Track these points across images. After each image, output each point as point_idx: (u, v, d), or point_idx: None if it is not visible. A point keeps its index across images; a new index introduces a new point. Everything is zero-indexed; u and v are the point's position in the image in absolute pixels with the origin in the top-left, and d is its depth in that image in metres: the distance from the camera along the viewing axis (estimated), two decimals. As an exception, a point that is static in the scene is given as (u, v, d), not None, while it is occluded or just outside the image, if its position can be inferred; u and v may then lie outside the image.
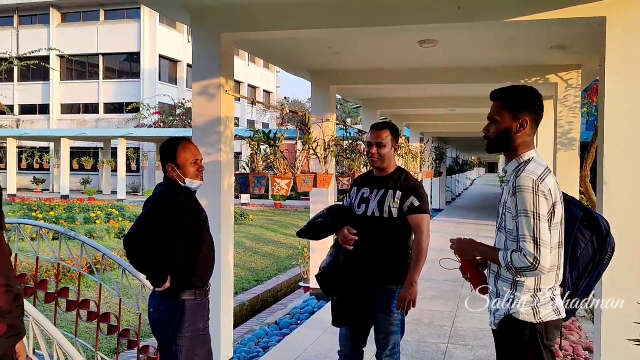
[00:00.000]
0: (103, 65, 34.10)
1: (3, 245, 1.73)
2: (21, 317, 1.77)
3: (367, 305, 3.32)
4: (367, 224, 3.28)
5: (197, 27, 4.61)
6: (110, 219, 15.19)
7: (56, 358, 2.84)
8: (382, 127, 3.40)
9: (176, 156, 2.99)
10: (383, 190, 3.31)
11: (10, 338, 1.70)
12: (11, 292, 1.71)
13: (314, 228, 3.48)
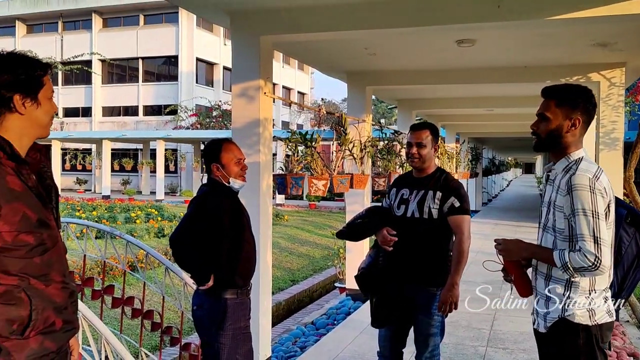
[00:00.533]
0: (142, 68, 34.87)
1: (60, 243, 1.80)
2: (75, 313, 1.83)
3: (406, 306, 3.31)
4: (407, 225, 3.27)
5: (237, 30, 4.69)
6: (149, 219, 15.52)
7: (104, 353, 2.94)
8: (421, 127, 3.37)
9: (220, 156, 3.05)
10: (423, 190, 3.28)
11: (65, 332, 1.77)
12: (67, 288, 1.78)
13: (352, 229, 3.48)
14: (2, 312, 1.61)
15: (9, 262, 1.62)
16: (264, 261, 4.59)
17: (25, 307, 1.64)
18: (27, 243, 1.65)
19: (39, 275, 1.68)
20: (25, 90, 1.70)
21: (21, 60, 1.73)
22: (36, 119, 1.73)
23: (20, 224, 1.63)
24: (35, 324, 1.66)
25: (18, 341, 1.62)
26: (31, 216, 1.67)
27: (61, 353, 1.77)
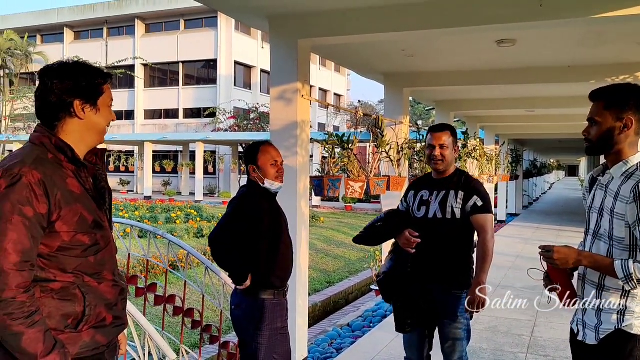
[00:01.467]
0: (182, 72, 35.57)
1: (112, 244, 1.88)
2: (124, 310, 1.91)
3: (430, 309, 3.27)
4: (429, 226, 3.24)
5: (275, 34, 4.75)
6: (189, 219, 15.81)
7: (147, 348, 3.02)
8: (442, 129, 3.36)
9: (257, 158, 3.10)
10: (444, 191, 3.27)
11: (115, 327, 1.85)
12: (117, 286, 1.86)
13: (372, 233, 3.43)
14: (58, 308, 1.70)
15: (66, 261, 1.71)
16: (300, 262, 4.63)
17: (80, 303, 1.73)
18: (83, 243, 1.74)
19: (92, 273, 1.77)
20: (85, 97, 1.77)
21: (83, 69, 1.80)
22: (94, 125, 1.81)
23: (78, 225, 1.72)
24: (88, 319, 1.75)
25: (72, 334, 1.71)
26: (87, 218, 1.75)
27: (111, 347, 1.86)
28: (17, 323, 1.56)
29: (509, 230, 14.01)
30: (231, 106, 32.50)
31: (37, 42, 38.61)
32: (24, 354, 1.58)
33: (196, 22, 34.97)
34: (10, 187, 1.60)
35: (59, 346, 1.63)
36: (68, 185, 1.71)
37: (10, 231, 1.58)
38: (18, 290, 1.57)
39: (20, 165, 1.63)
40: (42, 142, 1.74)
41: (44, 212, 1.63)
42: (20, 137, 30.60)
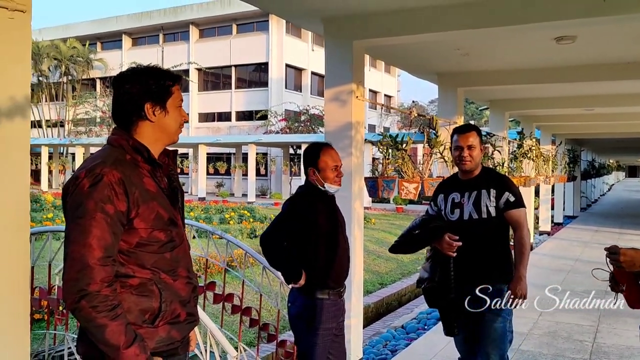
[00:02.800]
0: (235, 76, 36.22)
1: (185, 241, 1.95)
2: (196, 307, 1.97)
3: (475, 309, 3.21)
4: (465, 228, 3.24)
5: (330, 36, 4.79)
6: (242, 220, 16.08)
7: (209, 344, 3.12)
8: (468, 130, 3.36)
9: (318, 161, 3.10)
10: (475, 191, 3.26)
11: (188, 324, 1.91)
12: (191, 283, 1.92)
13: (409, 241, 3.40)
14: (136, 303, 1.77)
15: (144, 257, 1.79)
16: (355, 263, 4.65)
17: (156, 299, 1.80)
18: (159, 239, 1.81)
19: (168, 270, 1.84)
20: (154, 99, 1.84)
21: (152, 72, 1.88)
22: (165, 126, 1.87)
23: (154, 222, 1.79)
24: (164, 314, 1.81)
25: (149, 329, 1.78)
26: (163, 215, 1.82)
27: (184, 342, 1.93)
28: (101, 315, 1.63)
29: (567, 233, 13.56)
30: (282, 108, 32.85)
31: (97, 49, 40.22)
32: (107, 345, 1.65)
33: (248, 27, 35.54)
34: (93, 186, 1.68)
35: (139, 339, 1.69)
36: (145, 184, 1.80)
37: (94, 227, 1.66)
38: (102, 284, 1.65)
39: (101, 165, 1.72)
40: (120, 144, 1.83)
41: (124, 209, 1.72)
42: (81, 141, 31.97)
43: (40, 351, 3.95)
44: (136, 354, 1.67)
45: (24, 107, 2.20)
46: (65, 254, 1.69)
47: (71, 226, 1.70)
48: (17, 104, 2.17)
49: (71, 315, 3.71)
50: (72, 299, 1.64)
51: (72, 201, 1.71)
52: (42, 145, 33.27)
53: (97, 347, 1.70)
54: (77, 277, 1.64)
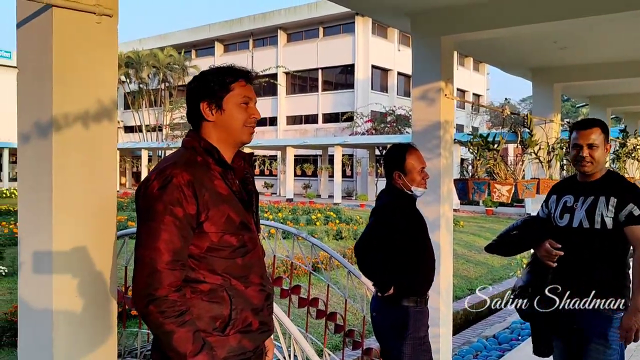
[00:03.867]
0: (321, 78, 36.58)
1: (259, 246, 1.86)
2: (270, 315, 1.87)
3: (575, 330, 2.84)
4: (573, 236, 2.81)
5: (417, 32, 4.63)
6: (328, 221, 16.13)
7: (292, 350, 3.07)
8: (590, 125, 2.86)
9: (404, 163, 2.94)
10: (592, 197, 2.79)
11: (261, 333, 1.81)
12: (264, 291, 1.82)
13: (505, 242, 3.08)
14: (207, 309, 1.69)
15: (215, 262, 1.71)
16: (444, 269, 4.45)
17: (227, 306, 1.71)
18: (231, 244, 1.72)
19: (239, 276, 1.75)
20: (209, 98, 1.77)
21: (212, 71, 1.83)
22: (224, 125, 1.78)
23: (225, 226, 1.71)
24: (235, 322, 1.72)
25: (219, 338, 1.70)
26: (234, 219, 1.74)
27: (257, 352, 1.83)
28: (168, 321, 1.58)
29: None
30: (368, 110, 32.74)
31: (192, 56, 42.12)
32: (174, 352, 1.60)
33: (334, 29, 35.77)
34: (162, 188, 1.63)
35: (207, 347, 1.62)
36: (216, 186, 1.72)
37: (163, 231, 1.61)
38: (170, 288, 1.60)
39: (172, 167, 1.67)
40: (192, 146, 1.77)
41: (193, 212, 1.65)
42: (177, 144, 33.57)
43: (133, 348, 4.10)
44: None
45: (110, 109, 2.24)
46: (135, 258, 1.66)
47: (141, 229, 1.66)
48: (104, 106, 2.21)
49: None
50: (141, 304, 1.61)
51: (142, 203, 1.68)
52: (142, 148, 35.36)
53: (165, 356, 1.65)
54: (146, 281, 1.60)
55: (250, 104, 1.82)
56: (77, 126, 2.12)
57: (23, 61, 2.21)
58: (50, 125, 2.06)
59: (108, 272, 2.24)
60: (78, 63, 2.14)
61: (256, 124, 1.86)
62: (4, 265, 8.73)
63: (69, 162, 2.10)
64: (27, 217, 2.19)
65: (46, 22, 2.08)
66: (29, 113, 2.17)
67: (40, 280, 2.11)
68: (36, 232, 2.12)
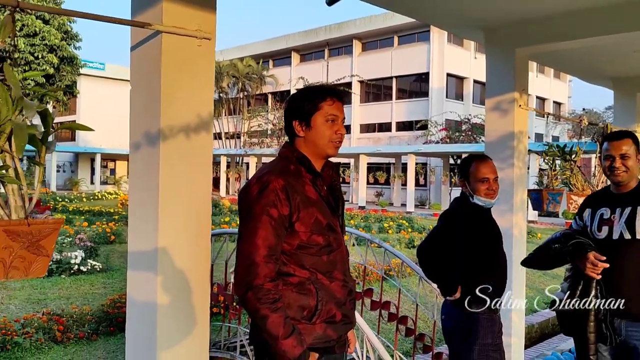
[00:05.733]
0: (395, 86, 36.54)
1: (343, 247, 2.09)
2: (353, 309, 2.10)
3: (623, 348, 2.77)
4: (614, 248, 2.77)
5: (491, 44, 4.69)
6: (400, 230, 16.14)
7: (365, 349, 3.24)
8: (622, 136, 2.89)
9: (468, 172, 3.07)
10: (630, 207, 2.78)
11: (344, 325, 2.04)
12: (346, 286, 2.05)
13: (545, 255, 3.03)
14: (296, 299, 1.94)
15: (303, 258, 1.96)
16: (516, 278, 4.45)
17: (313, 298, 1.95)
18: (318, 243, 1.97)
19: (325, 271, 1.99)
20: (300, 117, 2.02)
21: (304, 92, 2.08)
22: (312, 140, 2.02)
23: (313, 226, 1.96)
24: (320, 313, 1.96)
25: (307, 325, 1.94)
26: (322, 220, 1.98)
27: (340, 342, 2.05)
28: (263, 307, 1.83)
29: None
30: (442, 118, 32.34)
31: (270, 66, 43.32)
32: (268, 334, 1.84)
33: (409, 38, 35.66)
34: (261, 192, 1.90)
35: (296, 332, 1.86)
36: (306, 191, 1.97)
37: (260, 229, 1.88)
38: (265, 278, 1.85)
39: (269, 174, 1.95)
40: (287, 156, 2.05)
41: (286, 213, 1.91)
42: (254, 151, 34.60)
43: (217, 341, 4.41)
44: (293, 345, 1.83)
45: (207, 122, 2.53)
46: (237, 251, 1.93)
47: (242, 227, 1.94)
48: (202, 120, 2.51)
49: (243, 311, 4.11)
50: (240, 291, 1.87)
51: (243, 205, 1.96)
52: (221, 155, 36.77)
53: (260, 338, 1.90)
54: (245, 271, 1.86)
55: (336, 121, 2.04)
56: (180, 137, 2.42)
57: (136, 80, 2.55)
58: (158, 135, 2.37)
59: (203, 268, 2.52)
60: (182, 81, 2.44)
61: (341, 139, 2.08)
62: (99, 261, 9.43)
63: (173, 168, 2.40)
64: (136, 215, 2.51)
65: (156, 46, 2.40)
66: (140, 125, 2.50)
67: (147, 272, 2.42)
68: (144, 230, 2.44)
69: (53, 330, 5.54)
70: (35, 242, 1.85)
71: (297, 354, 1.83)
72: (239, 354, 3.97)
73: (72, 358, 5.22)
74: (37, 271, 1.90)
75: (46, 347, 5.35)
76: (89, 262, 9.00)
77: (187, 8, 2.43)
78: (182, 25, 2.39)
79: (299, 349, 1.84)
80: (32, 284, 7.75)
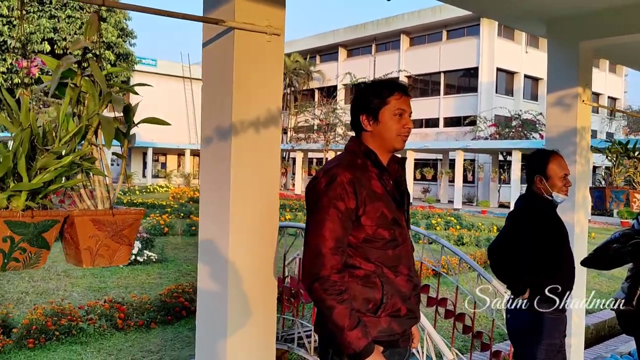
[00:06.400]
0: (443, 82, 36.03)
1: (408, 241, 2.09)
2: (417, 304, 2.10)
3: None
4: None
5: (554, 38, 4.58)
6: (449, 227, 15.95)
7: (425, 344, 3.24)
8: None
9: (547, 168, 2.98)
10: None
11: (409, 319, 2.04)
12: (411, 281, 2.05)
13: (604, 256, 3.01)
14: (361, 292, 1.95)
15: (369, 251, 1.97)
16: (579, 278, 4.34)
17: (378, 291, 1.96)
18: (383, 237, 1.98)
19: (390, 265, 1.99)
20: (367, 111, 2.04)
21: (371, 86, 2.08)
22: (380, 135, 2.03)
23: (379, 220, 1.97)
24: (385, 306, 1.96)
25: (371, 318, 1.95)
26: (387, 215, 1.99)
27: (405, 336, 2.05)
28: (330, 298, 1.85)
29: None
30: (492, 114, 31.69)
31: (317, 61, 43.46)
32: (334, 325, 1.86)
33: (458, 32, 35.08)
34: (328, 185, 1.92)
35: (361, 324, 1.87)
36: (372, 185, 1.98)
37: (328, 221, 1.90)
38: (332, 270, 1.87)
39: (336, 168, 1.97)
40: (354, 150, 2.06)
41: (353, 207, 1.92)
42: (301, 146, 34.81)
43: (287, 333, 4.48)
44: (358, 337, 1.84)
45: (276, 117, 2.58)
46: (305, 243, 1.96)
47: (310, 219, 1.96)
48: (271, 114, 2.55)
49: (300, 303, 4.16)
50: (308, 281, 1.90)
51: (311, 198, 1.98)
52: (267, 150, 37.08)
53: (326, 329, 1.93)
54: (313, 262, 1.89)
55: (404, 115, 2.05)
56: (251, 131, 2.48)
57: (208, 75, 2.62)
58: (230, 130, 2.43)
59: (270, 259, 2.58)
60: (253, 77, 2.49)
61: (408, 133, 2.09)
62: (155, 252, 9.72)
63: (243, 162, 2.46)
64: (208, 207, 2.59)
65: (229, 43, 2.46)
66: (211, 119, 2.57)
67: (218, 262, 2.49)
68: (216, 221, 2.51)
69: (114, 318, 5.77)
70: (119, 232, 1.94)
71: (362, 346, 1.84)
72: (296, 346, 4.03)
73: (132, 345, 5.42)
74: (120, 259, 1.99)
75: (108, 333, 5.57)
76: (145, 252, 9.29)
77: (258, 4, 2.48)
78: (253, 22, 2.44)
79: (364, 341, 1.85)
80: (93, 273, 8.07)
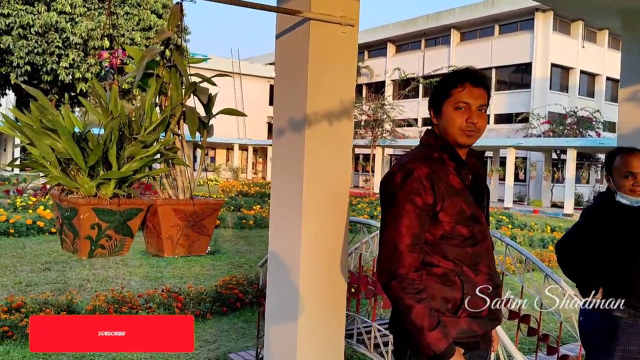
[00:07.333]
0: (495, 77, 35.21)
1: (488, 239, 2.00)
2: (499, 305, 1.99)
3: None
4: None
5: (629, 29, 4.38)
6: (500, 226, 15.59)
7: (495, 345, 3.12)
8: None
9: (611, 167, 2.85)
10: None
11: (490, 321, 1.94)
12: (492, 281, 1.94)
13: None
14: (440, 291, 1.87)
15: (447, 249, 1.89)
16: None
17: (458, 290, 1.87)
18: (462, 234, 1.89)
19: (469, 264, 1.90)
20: (433, 105, 2.00)
21: (443, 77, 2.02)
22: (443, 128, 1.96)
23: (457, 217, 1.88)
24: (465, 306, 1.87)
25: (451, 319, 1.86)
26: (466, 210, 1.90)
27: (485, 338, 1.96)
28: (408, 297, 1.78)
29: None
30: (545, 110, 30.75)
31: (365, 57, 43.20)
32: (412, 325, 1.79)
33: (511, 26, 34.19)
34: (404, 179, 1.86)
35: (441, 325, 1.79)
36: (450, 180, 1.90)
37: (404, 217, 1.83)
38: (410, 268, 1.81)
39: (412, 162, 1.90)
40: (429, 143, 1.99)
41: (430, 202, 1.85)
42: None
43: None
44: (438, 338, 1.76)
45: (349, 108, 2.54)
46: (380, 238, 1.90)
47: (386, 214, 1.90)
48: (345, 106, 2.52)
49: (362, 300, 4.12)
50: (384, 279, 1.84)
51: (386, 193, 1.92)
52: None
53: (403, 328, 1.86)
54: (389, 260, 1.83)
55: (468, 108, 1.93)
56: (324, 123, 2.45)
57: (281, 66, 2.60)
58: (304, 121, 2.40)
59: (339, 253, 2.54)
60: (327, 68, 2.46)
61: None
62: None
63: (316, 153, 2.44)
64: (279, 199, 2.58)
65: (304, 33, 2.43)
66: (284, 111, 2.55)
67: (289, 253, 2.48)
68: (288, 214, 2.50)
69: (172, 307, 5.87)
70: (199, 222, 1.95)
71: (443, 348, 1.77)
72: (355, 342, 3.99)
73: (189, 334, 5.50)
74: (199, 249, 2.00)
75: (166, 322, 5.68)
76: (198, 244, 9.47)
77: (333, -5, 2.45)
78: (328, 12, 2.41)
79: (445, 342, 1.77)
80: (149, 262, 8.27)
